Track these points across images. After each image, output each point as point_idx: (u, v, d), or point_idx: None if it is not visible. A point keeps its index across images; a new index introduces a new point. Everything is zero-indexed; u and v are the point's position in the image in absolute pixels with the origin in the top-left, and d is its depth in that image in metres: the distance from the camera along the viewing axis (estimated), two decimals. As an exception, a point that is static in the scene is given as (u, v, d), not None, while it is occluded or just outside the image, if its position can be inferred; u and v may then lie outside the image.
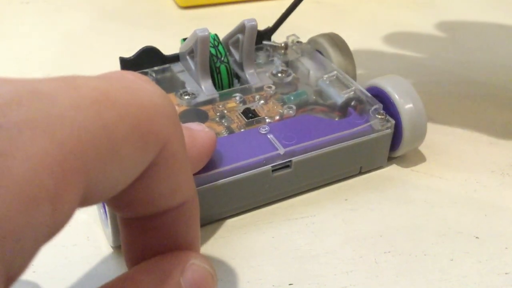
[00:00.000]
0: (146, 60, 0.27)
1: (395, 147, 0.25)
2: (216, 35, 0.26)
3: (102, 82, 0.13)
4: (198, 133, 0.20)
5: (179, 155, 0.14)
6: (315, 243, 0.21)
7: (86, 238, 0.21)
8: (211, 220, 0.22)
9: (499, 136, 0.28)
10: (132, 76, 0.14)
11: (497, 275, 0.20)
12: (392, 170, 0.25)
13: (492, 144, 0.27)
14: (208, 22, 0.40)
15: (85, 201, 0.12)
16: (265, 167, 0.22)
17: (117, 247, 0.20)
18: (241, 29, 0.26)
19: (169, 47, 0.28)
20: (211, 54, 0.26)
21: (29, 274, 0.19)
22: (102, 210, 0.21)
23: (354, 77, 0.28)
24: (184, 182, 0.15)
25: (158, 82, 0.27)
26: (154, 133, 0.13)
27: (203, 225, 0.22)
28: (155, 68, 0.27)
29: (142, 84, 0.14)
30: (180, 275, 0.15)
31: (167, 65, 0.27)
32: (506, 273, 0.20)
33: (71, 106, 0.11)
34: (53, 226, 0.11)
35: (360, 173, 0.25)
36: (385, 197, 0.24)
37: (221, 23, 0.40)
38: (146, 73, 0.27)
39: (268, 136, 0.23)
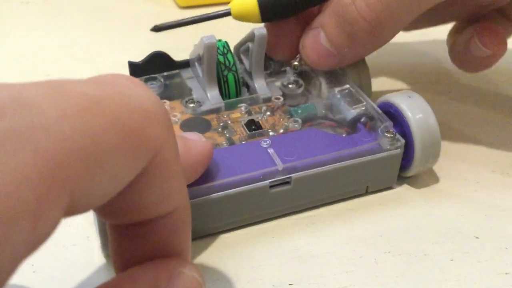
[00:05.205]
0: (155, 65, 0.26)
1: (406, 167, 0.23)
2: (226, 42, 0.26)
3: (92, 88, 0.12)
4: (193, 143, 0.19)
5: (172, 163, 0.14)
6: (315, 243, 0.21)
7: (86, 238, 0.21)
8: (205, 234, 0.21)
9: (499, 136, 0.28)
10: (124, 80, 0.13)
11: (497, 275, 0.20)
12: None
13: (492, 144, 0.27)
14: (207, 22, 0.40)
15: (71, 211, 0.12)
16: (262, 182, 0.21)
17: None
18: (251, 37, 0.25)
19: (168, 47, 0.28)
20: (219, 62, 0.25)
21: (29, 274, 0.19)
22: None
23: (369, 92, 0.27)
24: (176, 189, 0.15)
25: (167, 87, 0.26)
26: (146, 141, 0.13)
27: (196, 238, 0.21)
28: (165, 73, 0.26)
29: (134, 88, 0.13)
30: (166, 284, 0.14)
31: (176, 71, 0.27)
32: (506, 273, 0.20)
33: (57, 115, 0.11)
34: (33, 242, 0.10)
35: (367, 193, 0.24)
36: (385, 197, 0.24)
37: (221, 23, 0.40)
38: (154, 78, 0.26)
39: (269, 150, 0.22)
